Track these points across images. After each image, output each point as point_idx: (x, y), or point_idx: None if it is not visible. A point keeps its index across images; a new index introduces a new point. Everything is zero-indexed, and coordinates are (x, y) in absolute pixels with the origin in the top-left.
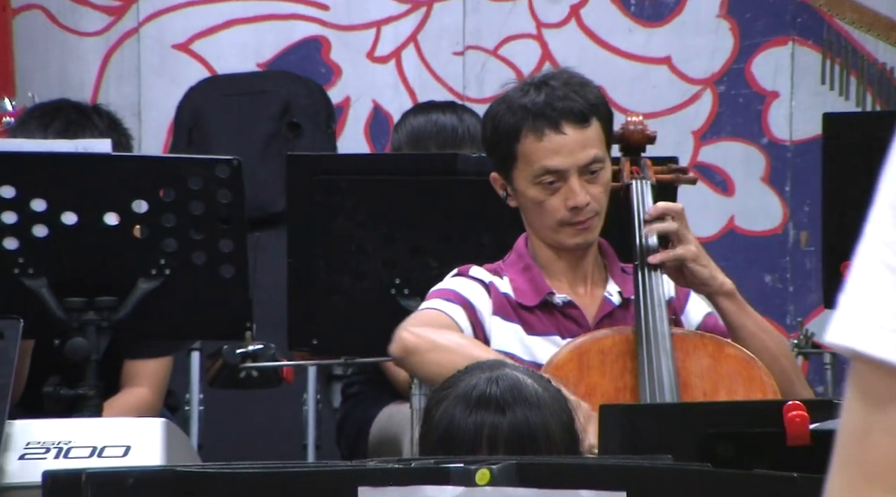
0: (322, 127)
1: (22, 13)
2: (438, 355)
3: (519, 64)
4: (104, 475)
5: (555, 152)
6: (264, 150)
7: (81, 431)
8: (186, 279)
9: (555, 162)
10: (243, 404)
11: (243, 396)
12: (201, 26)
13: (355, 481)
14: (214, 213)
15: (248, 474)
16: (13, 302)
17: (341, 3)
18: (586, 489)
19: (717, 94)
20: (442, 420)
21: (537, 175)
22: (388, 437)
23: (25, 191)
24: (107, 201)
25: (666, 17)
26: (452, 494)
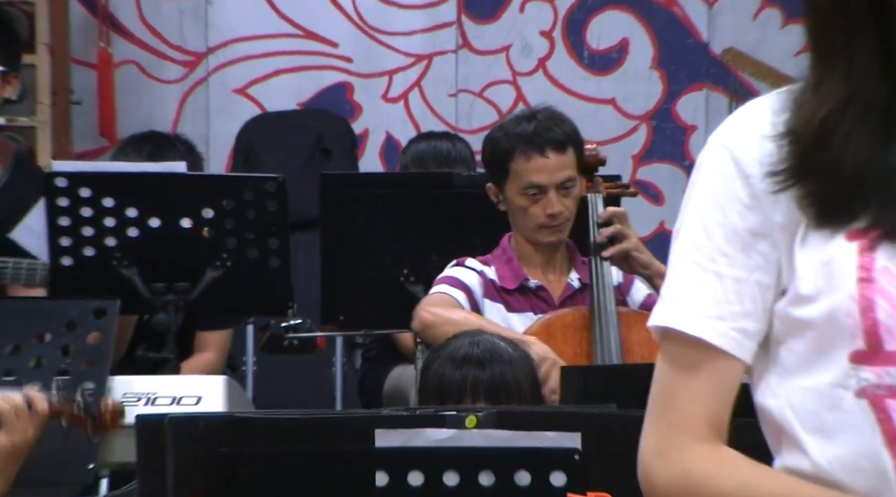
0: (347, 152)
1: (120, 67)
2: (449, 328)
3: (499, 104)
4: (181, 419)
5: (539, 171)
6: (302, 170)
7: (164, 385)
8: (243, 269)
9: (538, 179)
10: (286, 366)
11: (286, 360)
12: (255, 75)
13: (373, 426)
14: (264, 219)
15: (289, 420)
16: (112, 287)
17: (362, 57)
18: (551, 431)
19: (650, 128)
20: (435, 375)
21: (524, 188)
22: (398, 391)
23: (121, 201)
24: (182, 209)
25: (611, 68)
26: (447, 435)
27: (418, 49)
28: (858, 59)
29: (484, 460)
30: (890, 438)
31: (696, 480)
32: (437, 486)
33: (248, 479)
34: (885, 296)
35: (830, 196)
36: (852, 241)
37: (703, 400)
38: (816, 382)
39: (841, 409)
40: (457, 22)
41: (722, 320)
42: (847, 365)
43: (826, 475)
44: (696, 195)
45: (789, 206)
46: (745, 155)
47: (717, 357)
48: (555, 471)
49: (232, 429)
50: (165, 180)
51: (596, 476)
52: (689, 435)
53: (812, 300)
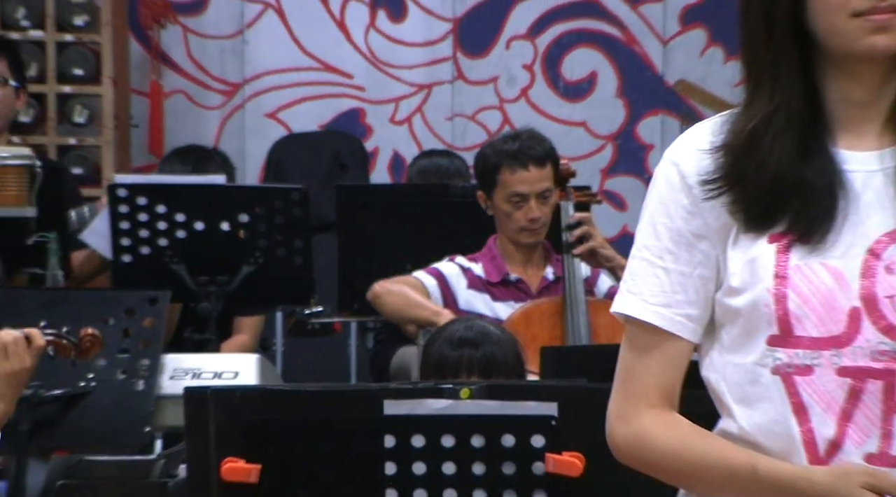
0: (360, 167)
1: (170, 96)
2: (390, 298)
3: (488, 126)
4: (221, 390)
5: (522, 182)
6: (322, 182)
7: (207, 362)
8: (272, 265)
9: (521, 188)
10: (309, 346)
11: (309, 341)
12: (283, 102)
13: (382, 396)
14: (290, 223)
15: (312, 391)
16: (164, 280)
17: (373, 86)
18: (531, 400)
19: (615, 146)
20: (435, 354)
21: (509, 196)
22: (403, 368)
23: (171, 207)
24: (222, 214)
25: (582, 96)
26: (445, 404)
27: (420, 80)
28: (782, 80)
29: (475, 425)
30: (797, 408)
31: (647, 439)
32: (436, 446)
33: (278, 441)
34: (796, 290)
35: (755, 203)
36: (772, 243)
37: (656, 374)
38: (743, 360)
39: (760, 383)
40: (452, 57)
41: (668, 307)
42: (765, 347)
43: (748, 437)
44: (649, 202)
45: (723, 213)
46: (689, 168)
47: (665, 338)
48: (535, 434)
49: (264, 399)
50: (208, 190)
51: (569, 438)
52: (644, 403)
53: (740, 292)
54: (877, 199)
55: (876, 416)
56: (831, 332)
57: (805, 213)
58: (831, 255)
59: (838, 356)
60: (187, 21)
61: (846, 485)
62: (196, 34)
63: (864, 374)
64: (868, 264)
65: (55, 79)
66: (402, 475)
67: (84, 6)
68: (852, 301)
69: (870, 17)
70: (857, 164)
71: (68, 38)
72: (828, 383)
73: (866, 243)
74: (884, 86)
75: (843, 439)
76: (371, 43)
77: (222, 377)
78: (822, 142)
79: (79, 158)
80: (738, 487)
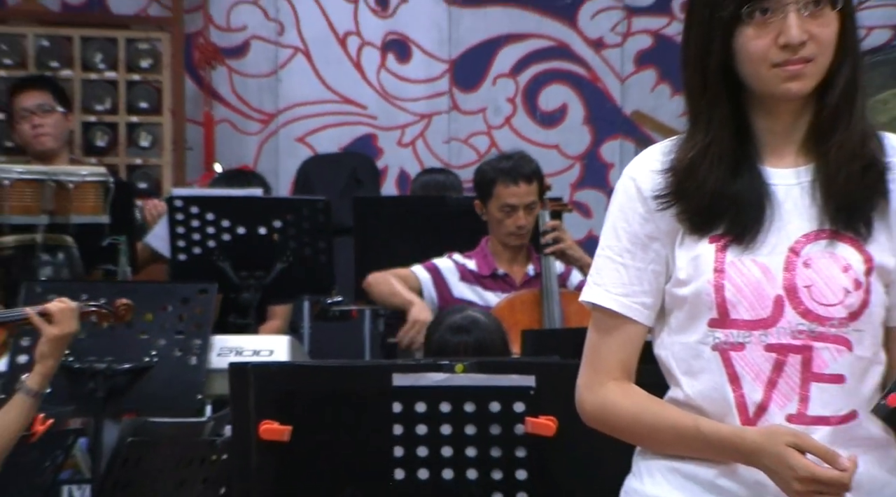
0: (373, 182)
1: (218, 124)
2: (377, 287)
3: (479, 148)
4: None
5: (512, 195)
6: (342, 195)
7: (247, 342)
8: (301, 263)
9: (512, 200)
10: (331, 329)
11: (331, 325)
12: (309, 128)
13: (391, 371)
14: (315, 228)
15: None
16: (212, 274)
17: (384, 116)
18: (514, 374)
19: (582, 165)
20: (437, 340)
21: (501, 206)
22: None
23: (218, 215)
24: (260, 221)
25: (555, 124)
26: (443, 377)
27: (422, 110)
28: (715, 120)
29: (467, 394)
30: (731, 378)
31: (610, 406)
32: (435, 411)
33: (306, 407)
34: (731, 281)
35: (696, 214)
36: (712, 243)
37: (616, 351)
38: (688, 340)
39: (702, 358)
40: (448, 92)
41: (627, 297)
42: (706, 328)
43: (692, 402)
44: (611, 210)
45: (672, 220)
46: (643, 184)
47: (625, 322)
48: (516, 401)
49: (294, 372)
50: (249, 201)
51: (545, 405)
52: (607, 376)
53: (686, 283)
54: (795, 208)
55: (795, 384)
56: (760, 315)
57: (739, 219)
58: (760, 252)
59: (765, 335)
60: (232, 63)
61: (773, 443)
62: (239, 74)
63: (786, 350)
64: (790, 260)
65: (125, 111)
66: (407, 435)
67: (149, 51)
68: (777, 290)
69: (785, 67)
70: (779, 179)
71: (136, 78)
72: (757, 357)
73: (788, 243)
74: (798, 119)
75: (768, 403)
76: (382, 80)
77: (260, 355)
78: (751, 162)
79: (144, 175)
80: (684, 445)
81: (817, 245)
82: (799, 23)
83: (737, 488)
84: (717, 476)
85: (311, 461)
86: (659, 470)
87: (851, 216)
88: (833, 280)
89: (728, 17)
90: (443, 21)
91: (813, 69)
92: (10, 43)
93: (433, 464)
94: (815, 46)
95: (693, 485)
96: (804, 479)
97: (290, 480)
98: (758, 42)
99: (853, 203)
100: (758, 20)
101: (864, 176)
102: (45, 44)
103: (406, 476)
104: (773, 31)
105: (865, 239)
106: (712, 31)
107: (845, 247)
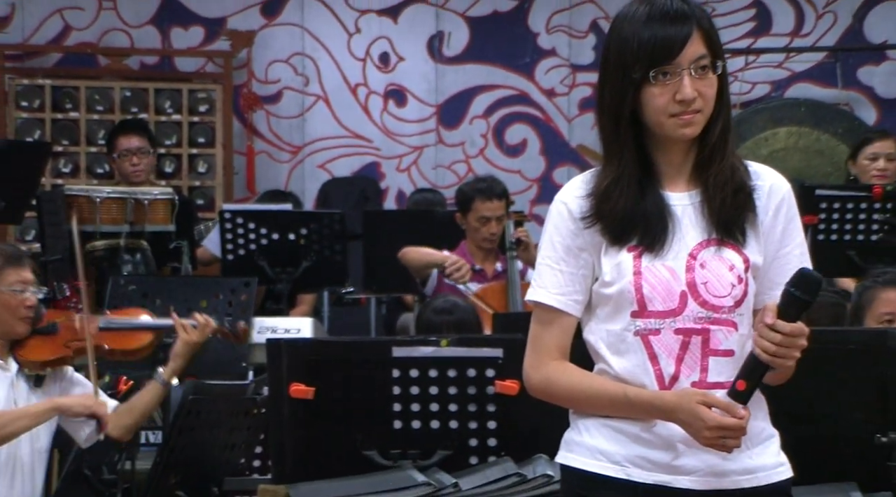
0: (377, 199)
1: (258, 154)
2: (411, 254)
3: (459, 173)
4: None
5: (487, 209)
6: (353, 209)
7: (280, 323)
8: (322, 261)
9: (487, 213)
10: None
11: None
12: (328, 158)
13: (391, 345)
14: (333, 234)
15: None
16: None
17: (386, 148)
18: (486, 348)
19: (539, 186)
20: (425, 320)
21: (478, 218)
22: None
23: (258, 224)
24: (290, 229)
25: (518, 154)
26: (432, 350)
27: (415, 144)
28: (624, 156)
29: (451, 363)
30: (651, 356)
31: (550, 380)
32: (425, 376)
33: (326, 372)
34: (647, 282)
35: (612, 230)
36: (630, 252)
37: (554, 338)
38: (614, 328)
39: (626, 342)
40: (435, 129)
41: (563, 295)
42: (629, 318)
43: (619, 377)
44: (547, 228)
45: (596, 234)
46: (572, 206)
47: (560, 315)
48: (488, 368)
49: (317, 346)
50: (281, 214)
51: (510, 371)
52: (547, 357)
53: (611, 285)
54: (690, 222)
55: (697, 358)
56: (669, 307)
57: (649, 232)
58: (667, 258)
59: (674, 322)
60: (269, 108)
61: (687, 402)
62: (273, 116)
63: (690, 332)
64: (689, 263)
65: (187, 145)
66: (403, 394)
67: (205, 99)
68: (681, 287)
69: (680, 117)
70: (675, 201)
71: (195, 120)
72: (669, 339)
73: (687, 250)
74: (687, 154)
75: (678, 374)
76: (384, 120)
77: (290, 332)
78: (654, 188)
79: (201, 194)
80: (615, 408)
81: (708, 251)
82: (691, 83)
83: (654, 438)
84: (640, 431)
85: (330, 414)
86: (594, 425)
87: (730, 228)
88: (723, 277)
89: (638, 79)
90: (431, 75)
91: (700, 118)
92: (102, 94)
93: (423, 416)
94: (702, 101)
95: (622, 437)
96: (712, 428)
97: (313, 429)
98: (660, 99)
99: (729, 218)
100: (660, 81)
101: (735, 197)
102: (127, 94)
103: (402, 426)
104: (672, 89)
105: (742, 244)
106: (625, 89)
107: (729, 251)
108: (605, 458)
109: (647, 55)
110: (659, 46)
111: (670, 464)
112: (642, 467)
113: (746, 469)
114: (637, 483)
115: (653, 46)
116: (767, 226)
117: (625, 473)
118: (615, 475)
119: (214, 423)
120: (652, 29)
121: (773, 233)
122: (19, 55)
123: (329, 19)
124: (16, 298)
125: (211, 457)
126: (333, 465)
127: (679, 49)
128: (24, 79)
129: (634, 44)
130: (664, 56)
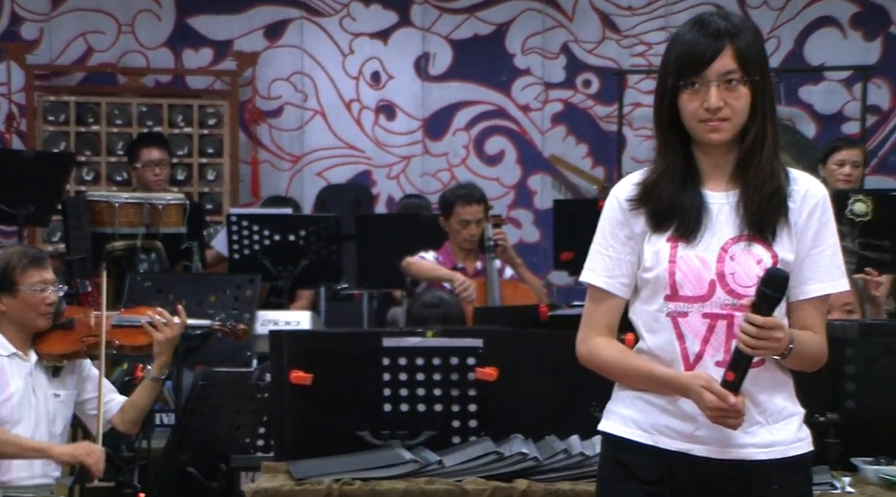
0: (369, 204)
1: (262, 163)
2: (419, 266)
3: (443, 180)
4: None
5: (468, 213)
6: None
7: (281, 316)
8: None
9: (467, 217)
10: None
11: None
12: (325, 166)
13: (382, 335)
14: (329, 235)
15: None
16: (257, 269)
17: (377, 157)
18: (468, 338)
19: (516, 192)
20: (415, 313)
21: (459, 221)
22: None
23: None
24: (290, 231)
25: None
26: (418, 340)
27: (403, 154)
28: (669, 153)
29: (436, 352)
30: (678, 336)
31: (593, 353)
32: (413, 364)
33: (322, 361)
34: (680, 269)
35: (654, 215)
36: (668, 241)
37: (602, 316)
38: (650, 308)
39: (659, 321)
40: (422, 141)
41: (611, 278)
42: (662, 301)
43: (652, 352)
44: (601, 219)
45: (641, 223)
46: (621, 194)
47: (609, 296)
48: (469, 356)
49: (314, 337)
50: (283, 217)
51: (489, 359)
52: (594, 332)
53: (649, 270)
54: (725, 219)
55: (722, 341)
56: (699, 293)
57: (683, 224)
58: (700, 249)
59: (702, 307)
60: (271, 121)
61: (694, 384)
62: (276, 128)
63: (717, 317)
64: (721, 255)
65: (198, 155)
66: (393, 381)
67: (214, 114)
68: (711, 276)
69: (707, 123)
70: (713, 200)
71: (205, 132)
72: (696, 322)
73: (720, 243)
74: (727, 155)
75: (703, 353)
76: (375, 133)
77: (290, 325)
78: (695, 184)
79: (210, 200)
80: (644, 382)
81: (739, 245)
82: (718, 94)
83: (678, 411)
84: (666, 403)
85: (326, 399)
86: (629, 397)
87: (761, 226)
88: (750, 269)
89: (672, 86)
90: (418, 92)
91: (727, 126)
92: (121, 109)
93: (411, 400)
94: (729, 110)
95: (651, 408)
96: (711, 409)
97: (311, 412)
98: (690, 105)
99: (762, 218)
100: (691, 90)
101: (771, 200)
102: (144, 109)
103: (392, 409)
104: (701, 98)
105: (772, 242)
106: (664, 93)
107: (759, 247)
108: (635, 426)
109: (679, 66)
110: (690, 59)
111: (692, 434)
112: (667, 435)
113: (764, 443)
114: (662, 449)
115: (685, 59)
116: (801, 227)
117: (652, 440)
118: (644, 441)
119: (222, 406)
120: (688, 44)
121: (806, 234)
122: (47, 75)
123: (326, 41)
124: (37, 296)
125: (219, 436)
126: (329, 444)
127: (707, 63)
128: (51, 96)
129: (673, 55)
130: (693, 68)
